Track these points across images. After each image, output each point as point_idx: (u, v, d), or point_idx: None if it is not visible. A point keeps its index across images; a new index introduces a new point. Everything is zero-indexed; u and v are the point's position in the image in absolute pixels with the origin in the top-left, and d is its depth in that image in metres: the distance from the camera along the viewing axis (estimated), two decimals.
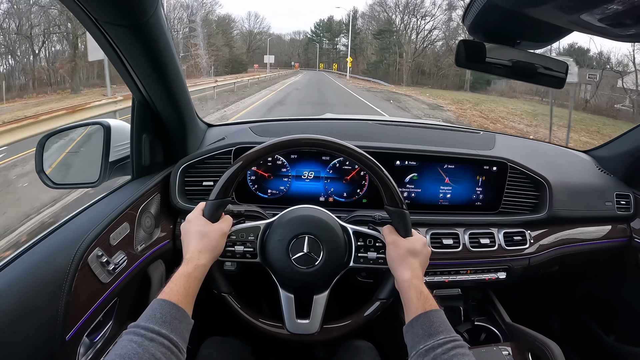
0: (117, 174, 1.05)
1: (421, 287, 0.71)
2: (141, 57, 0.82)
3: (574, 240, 1.27)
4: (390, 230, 0.80)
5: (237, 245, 0.81)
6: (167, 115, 1.00)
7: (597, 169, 1.42)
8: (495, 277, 1.15)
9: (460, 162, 1.16)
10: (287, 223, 0.82)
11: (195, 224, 0.76)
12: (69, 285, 0.70)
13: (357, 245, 0.83)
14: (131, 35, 0.74)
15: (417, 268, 0.74)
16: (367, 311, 0.84)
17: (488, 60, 0.80)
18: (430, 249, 0.80)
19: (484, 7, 0.71)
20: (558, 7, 0.58)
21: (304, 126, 1.36)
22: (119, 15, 0.69)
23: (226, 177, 0.78)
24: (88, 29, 0.74)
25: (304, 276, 0.80)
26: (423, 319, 0.66)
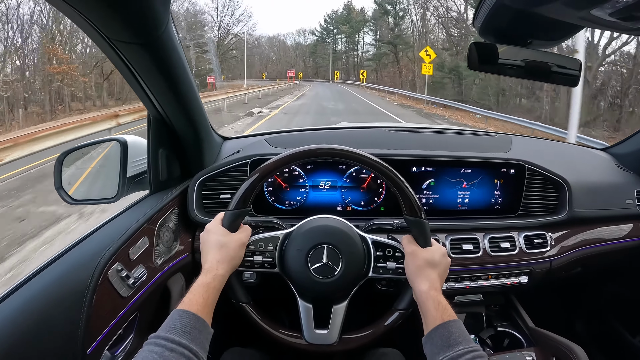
0: (134, 189, 1.07)
1: (439, 297, 0.70)
2: (154, 74, 0.83)
3: (595, 240, 1.25)
4: (410, 240, 0.80)
5: (256, 255, 0.81)
6: (183, 129, 1.01)
7: (616, 166, 1.39)
8: (517, 281, 1.12)
9: (477, 166, 1.14)
10: (306, 233, 0.82)
11: (214, 234, 0.76)
12: (90, 300, 0.71)
13: (376, 255, 0.83)
14: (144, 53, 0.75)
15: (435, 279, 0.74)
16: (387, 321, 0.83)
17: (501, 62, 0.80)
18: (450, 259, 0.79)
19: (493, 8, 0.71)
20: (568, 4, 0.58)
21: (319, 136, 1.36)
22: (131, 33, 0.70)
23: (244, 188, 0.79)
24: (101, 48, 0.75)
25: (322, 286, 0.79)
26: (442, 330, 0.66)
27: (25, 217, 3.97)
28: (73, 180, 1.11)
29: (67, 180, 1.07)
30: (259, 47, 62.37)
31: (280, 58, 64.46)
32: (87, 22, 0.65)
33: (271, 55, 64.84)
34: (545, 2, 0.61)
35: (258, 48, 60.84)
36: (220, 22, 43.86)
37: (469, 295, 1.18)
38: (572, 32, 0.82)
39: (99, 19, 0.65)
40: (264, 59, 63.79)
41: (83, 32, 0.70)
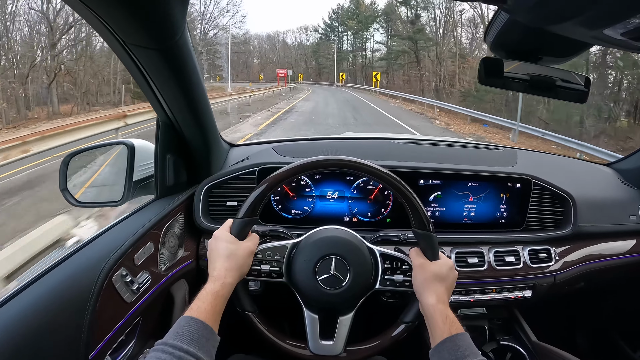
0: (140, 194, 1.06)
1: (447, 311, 0.71)
2: (168, 79, 0.83)
3: (599, 255, 1.24)
4: (417, 253, 0.79)
5: (264, 265, 0.81)
6: (192, 135, 1.02)
7: (620, 182, 1.39)
8: (521, 295, 1.12)
9: (484, 179, 1.15)
10: (314, 244, 0.81)
11: (222, 241, 0.76)
12: (94, 304, 0.70)
13: (384, 267, 0.83)
14: (158, 58, 0.75)
15: (443, 292, 0.74)
16: (393, 333, 0.83)
17: (506, 75, 0.81)
18: (457, 273, 0.79)
19: (505, 24, 0.72)
20: (580, 23, 0.58)
21: (327, 146, 1.36)
22: (148, 38, 0.70)
23: (254, 197, 0.79)
24: (114, 51, 0.75)
25: (329, 297, 0.79)
26: (450, 344, 0.66)
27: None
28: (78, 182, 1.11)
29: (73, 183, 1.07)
30: (256, 45, 57.11)
31: (280, 58, 57.91)
32: (104, 25, 0.65)
33: (270, 55, 58.97)
34: (558, 21, 0.61)
35: (247, 44, 52.83)
36: (204, 12, 35.59)
37: (472, 308, 1.17)
38: (583, 50, 0.83)
39: (117, 22, 0.65)
40: (263, 58, 58.68)
41: (98, 34, 0.70)
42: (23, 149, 4.51)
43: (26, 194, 4.84)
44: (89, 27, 14.06)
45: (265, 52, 59.18)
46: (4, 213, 4.31)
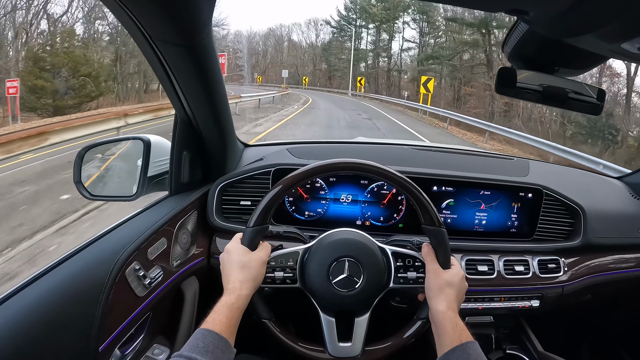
0: (153, 189, 1.07)
1: (456, 319, 0.71)
2: (191, 76, 0.83)
3: (607, 268, 1.24)
4: (431, 255, 0.80)
5: (277, 272, 0.81)
6: (209, 134, 1.02)
7: (631, 195, 1.39)
8: (529, 304, 1.12)
9: (496, 188, 1.15)
10: (326, 247, 0.82)
11: (235, 254, 0.76)
12: (106, 297, 0.71)
13: (397, 265, 0.83)
14: (184, 55, 0.76)
15: (454, 300, 0.74)
16: (408, 332, 0.83)
17: (519, 85, 0.81)
18: (467, 284, 0.80)
19: (523, 35, 0.73)
20: (599, 37, 0.59)
21: (341, 149, 1.36)
22: (176, 35, 0.70)
23: (265, 201, 0.79)
24: (139, 45, 0.76)
25: (345, 299, 0.79)
26: (460, 352, 0.66)
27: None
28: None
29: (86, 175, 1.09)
30: (258, 42, 49.48)
31: (284, 58, 48.73)
32: (132, 18, 0.66)
33: (274, 54, 50.32)
34: (577, 34, 0.62)
35: (225, 36, 43.49)
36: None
37: (479, 316, 1.17)
38: (599, 62, 0.83)
39: (146, 17, 0.66)
40: (263, 57, 50.57)
41: (124, 27, 0.71)
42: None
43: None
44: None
45: (268, 51, 51.64)
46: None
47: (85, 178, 1.07)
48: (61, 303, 0.66)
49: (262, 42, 51.57)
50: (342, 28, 41.68)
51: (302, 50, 48.44)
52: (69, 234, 3.42)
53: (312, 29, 49.80)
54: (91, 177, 1.14)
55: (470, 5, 0.58)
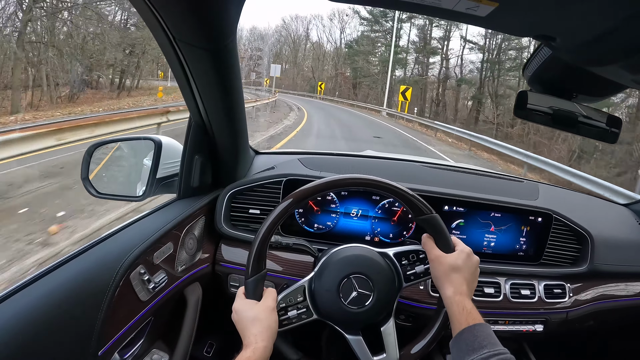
0: (161, 191, 1.06)
1: (464, 302, 0.70)
2: (211, 80, 0.83)
3: (611, 296, 1.24)
4: (430, 243, 0.79)
5: (290, 311, 0.80)
6: (223, 139, 1.02)
7: (637, 223, 1.38)
8: (533, 329, 1.11)
9: (507, 211, 1.14)
10: (329, 271, 0.81)
11: (242, 311, 0.75)
12: (110, 300, 0.70)
13: (402, 264, 0.83)
14: (206, 59, 0.75)
15: (461, 283, 0.73)
16: (436, 325, 0.82)
17: (535, 108, 0.81)
18: (476, 258, 0.78)
19: (546, 60, 0.73)
20: (624, 67, 0.59)
21: (354, 164, 1.34)
22: (201, 38, 0.70)
23: (256, 246, 0.77)
24: (161, 45, 0.75)
25: (363, 315, 0.78)
26: (467, 334, 0.66)
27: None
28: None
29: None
30: (270, 38, 43.28)
31: (297, 59, 41.44)
32: (157, 18, 0.65)
33: (286, 52, 43.48)
34: (602, 64, 0.61)
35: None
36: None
37: None
38: (618, 91, 0.83)
39: (172, 18, 0.66)
40: (278, 55, 44.24)
41: (147, 27, 0.70)
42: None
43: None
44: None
45: (282, 50, 44.99)
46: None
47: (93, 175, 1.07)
48: (63, 304, 0.64)
49: (275, 38, 45.35)
50: (377, 20, 29.95)
51: (321, 48, 39.08)
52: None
53: (336, 22, 39.49)
54: (98, 174, 1.14)
55: (499, 29, 0.58)
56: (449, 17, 0.52)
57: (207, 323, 1.06)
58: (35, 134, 4.13)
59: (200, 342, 1.29)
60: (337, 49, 38.45)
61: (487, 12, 0.49)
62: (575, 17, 0.49)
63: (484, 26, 0.54)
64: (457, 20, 0.53)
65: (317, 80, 34.81)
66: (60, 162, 5.25)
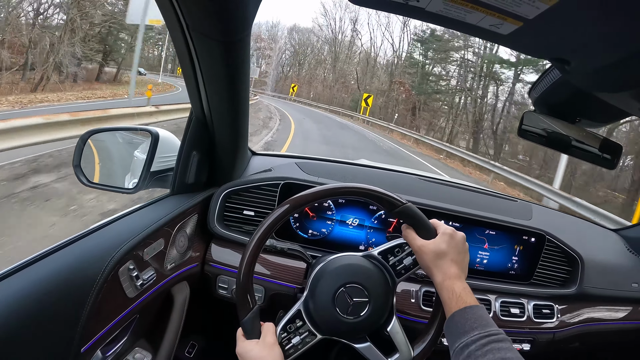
0: (154, 185, 1.03)
1: (454, 286, 0.69)
2: (219, 74, 0.81)
3: (598, 319, 1.25)
4: (411, 233, 0.77)
5: (293, 338, 0.77)
6: (223, 137, 1.00)
7: (626, 249, 1.40)
8: (520, 347, 1.11)
9: (501, 229, 1.14)
10: (319, 289, 0.78)
11: (245, 354, 0.73)
12: (96, 295, 0.66)
13: (390, 262, 0.81)
14: (218, 51, 0.73)
15: (448, 267, 0.71)
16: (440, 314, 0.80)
17: (524, 128, 0.82)
18: (462, 235, 0.76)
19: (554, 83, 0.73)
20: (634, 96, 0.59)
21: (353, 172, 1.30)
22: (215, 29, 0.67)
23: (241, 285, 0.74)
24: (171, 33, 0.72)
25: (365, 322, 0.76)
26: (458, 317, 0.64)
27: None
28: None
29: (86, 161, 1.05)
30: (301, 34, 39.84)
31: (338, 60, 35.22)
32: (173, 4, 0.63)
33: (319, 54, 38.58)
34: (611, 90, 0.62)
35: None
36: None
37: None
38: (621, 118, 0.84)
39: (189, 6, 0.63)
40: (303, 56, 40.72)
41: (161, 13, 0.68)
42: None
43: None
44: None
45: (307, 51, 40.87)
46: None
47: (86, 163, 1.04)
48: (47, 297, 0.61)
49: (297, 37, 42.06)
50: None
51: (373, 47, 29.94)
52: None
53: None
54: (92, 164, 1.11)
55: (517, 49, 0.58)
56: (471, 32, 0.52)
57: (191, 323, 1.03)
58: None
59: (183, 342, 1.26)
60: (396, 52, 27.77)
61: (510, 31, 0.48)
62: (593, 43, 0.49)
63: (503, 44, 0.54)
64: (478, 36, 0.53)
65: (363, 93, 25.84)
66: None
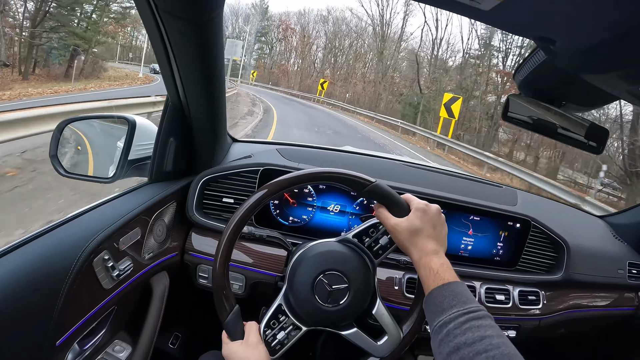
0: (132, 174, 1.00)
1: (430, 263, 0.66)
2: (192, 58, 0.78)
3: (583, 305, 1.26)
4: (384, 212, 0.74)
5: (279, 334, 0.75)
6: (200, 123, 0.97)
7: (612, 235, 1.41)
8: (506, 334, 1.11)
9: (486, 215, 1.14)
10: (297, 280, 0.76)
11: (231, 355, 0.71)
12: (69, 287, 0.64)
13: (367, 244, 0.79)
14: (190, 32, 0.71)
15: (424, 243, 0.69)
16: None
17: (515, 115, 0.80)
18: (436, 208, 0.72)
19: (540, 65, 0.71)
20: (622, 77, 0.58)
21: (334, 158, 1.29)
22: (185, 7, 0.65)
23: (217, 291, 0.72)
24: (141, 14, 0.69)
25: (348, 309, 0.75)
26: (436, 294, 0.62)
27: None
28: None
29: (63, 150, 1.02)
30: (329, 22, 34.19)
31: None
32: None
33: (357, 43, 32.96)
34: (598, 71, 0.60)
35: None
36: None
37: None
38: (608, 102, 0.83)
39: None
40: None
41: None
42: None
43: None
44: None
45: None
46: None
47: (62, 153, 1.01)
48: (18, 290, 0.59)
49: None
50: None
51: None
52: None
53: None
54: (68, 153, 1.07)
55: (500, 26, 0.55)
56: (451, 9, 0.49)
57: (174, 314, 1.01)
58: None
59: (166, 333, 1.24)
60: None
61: (491, 6, 0.46)
62: (579, 21, 0.47)
63: (485, 21, 0.52)
64: (459, 12, 0.50)
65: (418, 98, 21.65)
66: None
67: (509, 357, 0.50)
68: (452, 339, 0.55)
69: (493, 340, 0.52)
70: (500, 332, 0.55)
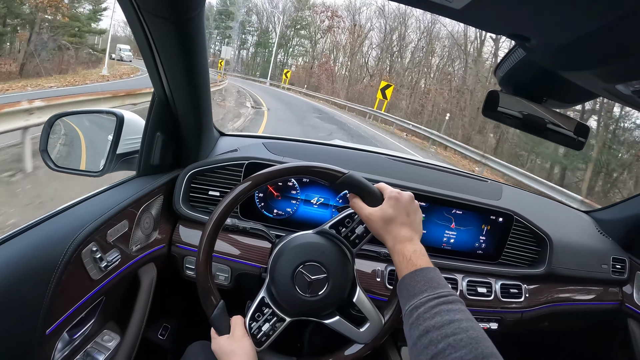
0: (121, 168, 1.02)
1: (404, 249, 0.67)
2: (175, 55, 0.80)
3: (566, 299, 1.28)
4: (358, 202, 0.75)
5: (263, 326, 0.77)
6: (186, 117, 0.98)
7: (597, 230, 1.43)
8: (487, 326, 1.14)
9: (469, 209, 1.15)
10: (277, 273, 0.77)
11: (219, 348, 0.73)
12: (59, 278, 0.66)
13: (344, 234, 0.80)
14: (172, 30, 0.72)
15: (398, 231, 0.69)
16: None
17: (502, 110, 0.81)
18: (408, 195, 0.73)
19: (519, 62, 0.72)
20: (596, 75, 0.59)
21: (320, 152, 1.31)
22: (166, 7, 0.67)
23: (202, 289, 0.74)
24: (126, 15, 0.71)
25: (329, 298, 0.76)
26: (408, 280, 0.63)
27: None
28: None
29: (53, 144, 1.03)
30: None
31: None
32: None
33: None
34: (574, 69, 0.61)
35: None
36: None
37: None
38: (588, 99, 0.84)
39: None
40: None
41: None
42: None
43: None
44: None
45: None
46: None
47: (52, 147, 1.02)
48: (8, 280, 0.61)
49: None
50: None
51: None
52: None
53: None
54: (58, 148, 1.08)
55: (474, 24, 0.56)
56: (422, 7, 0.50)
57: (162, 305, 1.03)
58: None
59: (155, 324, 1.26)
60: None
61: (463, 5, 0.47)
62: (551, 19, 0.48)
63: (458, 19, 0.53)
64: (430, 10, 0.51)
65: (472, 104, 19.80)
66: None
67: (476, 340, 0.52)
68: (422, 322, 0.56)
69: (462, 324, 0.54)
70: (470, 316, 0.56)
